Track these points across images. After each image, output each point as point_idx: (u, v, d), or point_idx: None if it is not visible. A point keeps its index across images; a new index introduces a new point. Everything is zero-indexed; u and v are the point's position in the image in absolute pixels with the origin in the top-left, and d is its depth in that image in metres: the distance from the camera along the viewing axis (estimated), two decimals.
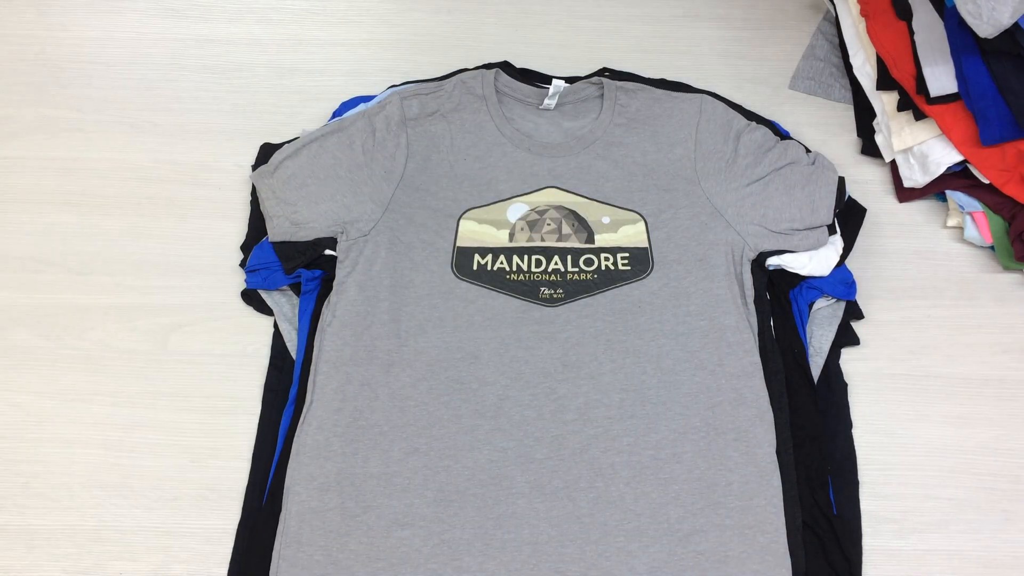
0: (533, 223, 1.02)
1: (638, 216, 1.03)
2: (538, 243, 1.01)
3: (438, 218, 1.02)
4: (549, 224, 1.02)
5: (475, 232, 1.02)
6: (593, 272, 0.99)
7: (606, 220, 1.03)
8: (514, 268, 0.99)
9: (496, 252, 1.00)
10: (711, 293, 0.98)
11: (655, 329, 0.96)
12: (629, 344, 0.95)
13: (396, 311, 0.97)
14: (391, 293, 0.97)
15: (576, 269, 1.00)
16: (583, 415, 0.92)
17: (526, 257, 1.00)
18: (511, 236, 1.02)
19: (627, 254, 1.00)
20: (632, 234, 1.02)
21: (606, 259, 1.00)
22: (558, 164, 1.06)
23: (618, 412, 0.92)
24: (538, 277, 0.99)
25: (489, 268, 0.99)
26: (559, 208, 1.04)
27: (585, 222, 1.03)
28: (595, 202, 1.04)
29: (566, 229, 1.02)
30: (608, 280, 0.99)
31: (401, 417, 0.92)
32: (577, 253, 1.01)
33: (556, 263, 1.00)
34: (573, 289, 0.98)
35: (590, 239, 1.02)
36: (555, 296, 0.98)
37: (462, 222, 1.02)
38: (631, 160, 1.06)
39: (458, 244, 1.01)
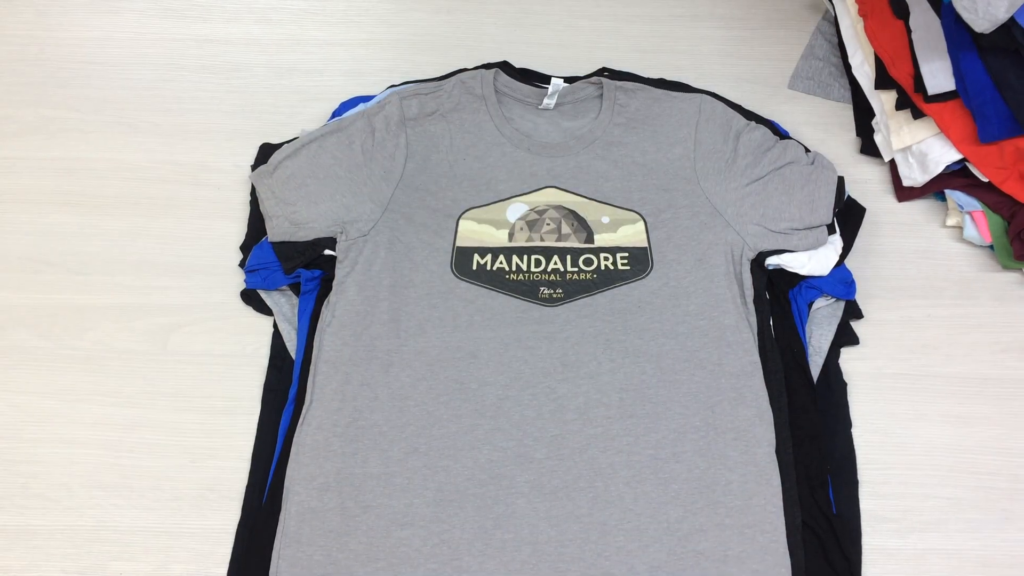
0: (532, 223, 1.02)
1: (637, 216, 1.03)
2: (537, 243, 1.01)
3: (437, 218, 1.02)
4: (548, 224, 1.02)
5: (474, 232, 1.02)
6: (592, 272, 0.99)
7: (605, 220, 1.03)
8: (513, 268, 0.99)
9: (496, 252, 1.00)
10: (710, 293, 0.98)
11: (654, 329, 0.96)
12: (628, 344, 0.95)
13: (396, 311, 0.97)
14: (390, 293, 0.97)
15: (576, 269, 1.00)
16: (583, 415, 0.92)
17: (525, 257, 1.00)
18: (510, 236, 1.02)
19: (626, 254, 1.00)
20: (631, 234, 1.02)
21: (605, 259, 1.00)
22: (557, 164, 1.06)
23: (617, 412, 0.92)
24: (537, 277, 0.99)
25: (488, 268, 0.99)
26: (558, 208, 1.04)
27: (584, 222, 1.03)
28: (594, 202, 1.04)
29: (565, 229, 1.02)
30: (608, 280, 0.99)
31: (400, 417, 0.92)
32: (576, 253, 1.01)
33: (555, 263, 1.00)
34: (573, 289, 0.98)
35: (589, 239, 1.02)
36: (555, 296, 0.98)
37: (461, 222, 1.02)
38: (630, 160, 1.06)
39: (457, 244, 1.01)
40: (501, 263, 1.00)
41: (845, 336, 1.04)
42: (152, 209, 1.13)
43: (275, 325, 1.03)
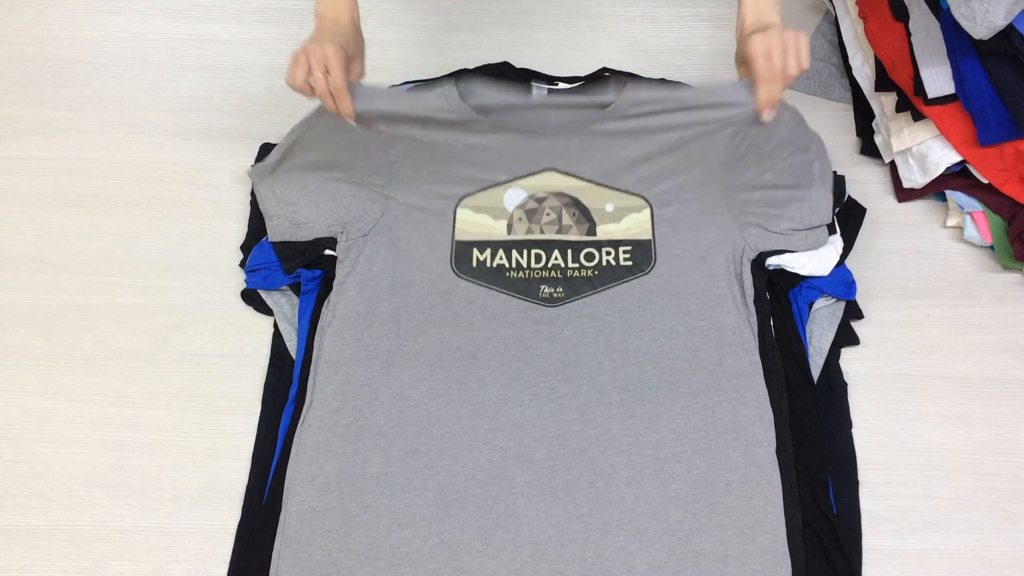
0: (532, 212, 1.01)
1: (644, 202, 1.00)
2: (537, 235, 1.00)
3: (434, 210, 1.00)
4: (549, 214, 1.01)
5: (472, 223, 1.00)
6: (594, 268, 0.99)
7: (609, 208, 1.00)
8: (513, 264, 0.99)
9: (495, 246, 0.99)
10: (711, 292, 0.97)
11: (655, 329, 0.96)
12: (629, 344, 0.95)
13: (396, 311, 0.97)
14: (391, 293, 0.97)
15: (576, 265, 0.99)
16: (583, 415, 0.92)
17: (525, 252, 0.99)
18: (509, 227, 1.00)
19: (629, 247, 0.99)
20: (636, 224, 1.00)
21: (608, 253, 0.99)
22: (557, 143, 1.01)
23: (618, 412, 0.92)
24: (538, 274, 0.98)
25: (488, 265, 0.99)
26: (559, 195, 1.01)
27: (587, 211, 1.01)
28: (598, 186, 1.01)
29: (566, 219, 1.00)
30: (609, 276, 0.98)
31: (401, 417, 0.92)
32: (578, 247, 1.00)
33: (556, 258, 0.99)
34: (573, 287, 0.98)
35: (591, 230, 1.00)
36: (555, 295, 0.97)
37: (459, 211, 1.01)
38: (647, 134, 0.98)
39: (456, 238, 1.00)
40: (501, 259, 0.99)
41: (845, 336, 1.03)
42: (152, 209, 1.13)
43: (275, 325, 1.03)
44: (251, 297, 1.05)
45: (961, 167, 1.08)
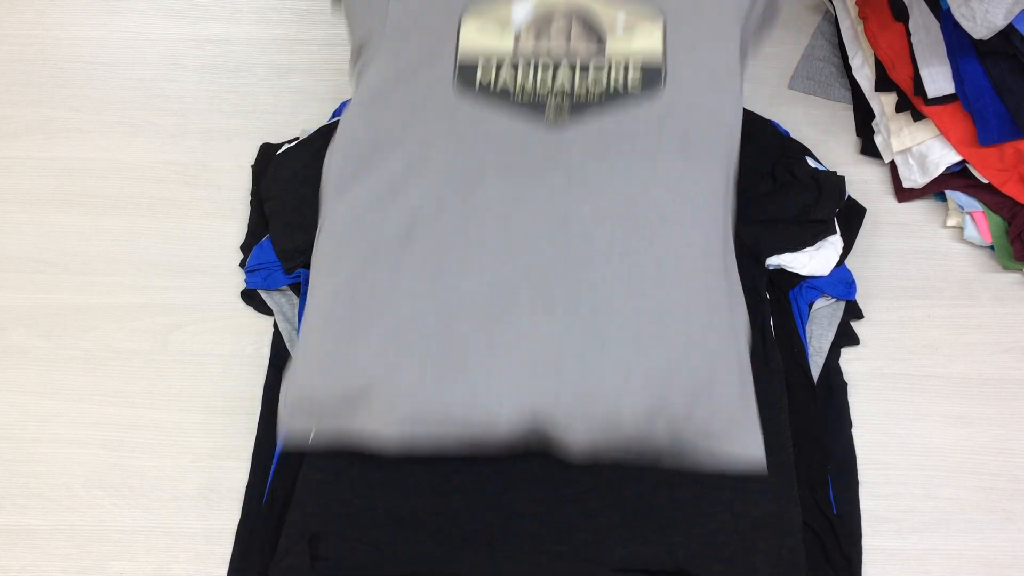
0: (539, 29, 0.95)
1: (658, 14, 0.95)
2: (543, 54, 0.94)
3: (436, 22, 0.95)
4: (556, 31, 0.95)
5: (477, 40, 0.95)
6: (601, 89, 0.93)
7: (620, 23, 0.95)
8: (518, 85, 0.93)
9: (499, 65, 0.94)
10: (718, 118, 0.94)
11: (663, 148, 0.92)
12: (634, 163, 0.91)
13: (400, 132, 0.93)
14: (397, 115, 0.94)
15: (583, 87, 0.93)
16: (586, 233, 0.89)
17: (531, 72, 0.94)
18: (515, 43, 0.95)
19: (639, 68, 0.94)
20: (646, 44, 0.95)
21: (616, 73, 0.94)
22: None
23: (621, 232, 0.89)
24: (543, 96, 0.93)
25: (491, 85, 0.93)
26: (568, 9, 0.96)
27: (597, 27, 0.95)
28: None
29: (575, 36, 0.95)
30: (616, 98, 0.93)
31: (408, 235, 0.89)
32: (585, 66, 0.94)
33: (562, 78, 0.94)
34: (579, 108, 0.92)
35: (600, 49, 0.95)
36: (560, 117, 0.92)
37: (464, 23, 0.95)
38: None
39: (460, 55, 0.95)
40: (505, 81, 0.94)
41: (845, 336, 1.04)
42: (152, 209, 1.13)
43: (275, 325, 1.03)
44: (251, 297, 1.05)
45: (961, 167, 1.08)
